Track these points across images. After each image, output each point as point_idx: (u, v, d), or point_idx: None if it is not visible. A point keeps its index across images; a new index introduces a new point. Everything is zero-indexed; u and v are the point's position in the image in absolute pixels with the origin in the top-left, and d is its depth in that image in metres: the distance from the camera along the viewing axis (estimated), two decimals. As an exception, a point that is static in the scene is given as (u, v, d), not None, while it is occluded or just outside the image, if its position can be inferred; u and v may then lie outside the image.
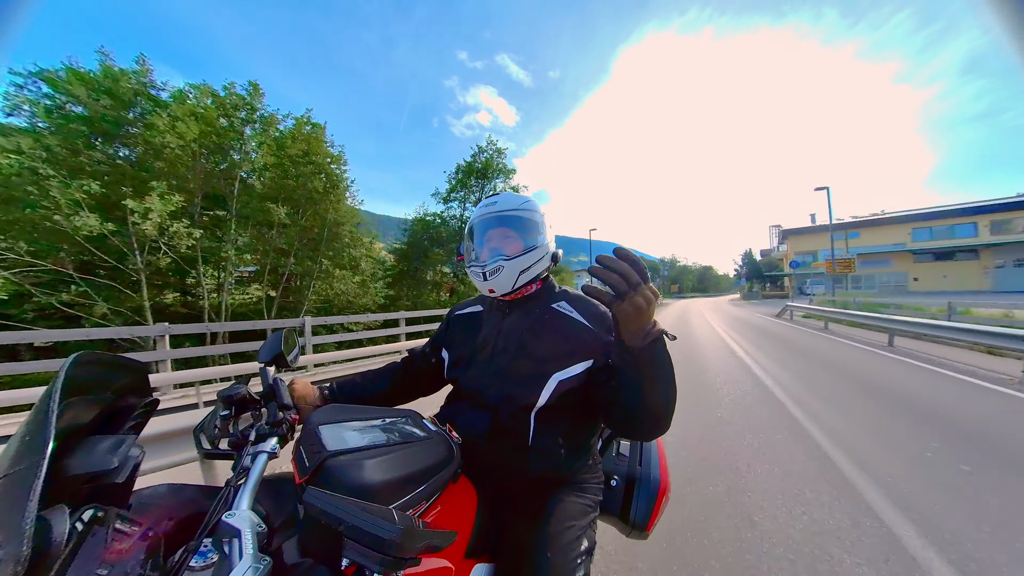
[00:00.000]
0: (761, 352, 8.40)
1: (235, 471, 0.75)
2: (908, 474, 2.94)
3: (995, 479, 2.83)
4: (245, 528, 0.56)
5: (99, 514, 0.53)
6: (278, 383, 0.96)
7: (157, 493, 0.69)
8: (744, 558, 2.05)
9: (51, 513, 0.47)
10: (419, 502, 0.74)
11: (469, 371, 1.09)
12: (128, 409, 0.71)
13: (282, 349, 1.03)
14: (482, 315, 1.20)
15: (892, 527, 2.29)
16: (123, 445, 0.61)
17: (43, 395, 0.55)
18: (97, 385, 0.65)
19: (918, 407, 4.46)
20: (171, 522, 0.64)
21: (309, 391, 1.07)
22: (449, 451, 0.85)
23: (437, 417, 1.17)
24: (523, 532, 0.94)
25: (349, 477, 0.64)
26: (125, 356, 0.75)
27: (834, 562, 2.00)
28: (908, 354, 7.84)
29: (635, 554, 2.07)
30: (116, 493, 0.60)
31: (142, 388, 0.75)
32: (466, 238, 1.16)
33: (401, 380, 1.28)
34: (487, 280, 1.05)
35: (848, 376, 6.06)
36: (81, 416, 0.60)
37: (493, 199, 1.13)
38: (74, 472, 0.54)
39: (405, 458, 0.74)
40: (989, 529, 2.27)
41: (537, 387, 0.97)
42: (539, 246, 1.08)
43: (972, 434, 3.65)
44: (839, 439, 3.57)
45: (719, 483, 2.84)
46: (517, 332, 1.07)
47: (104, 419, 0.66)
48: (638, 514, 1.24)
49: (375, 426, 0.80)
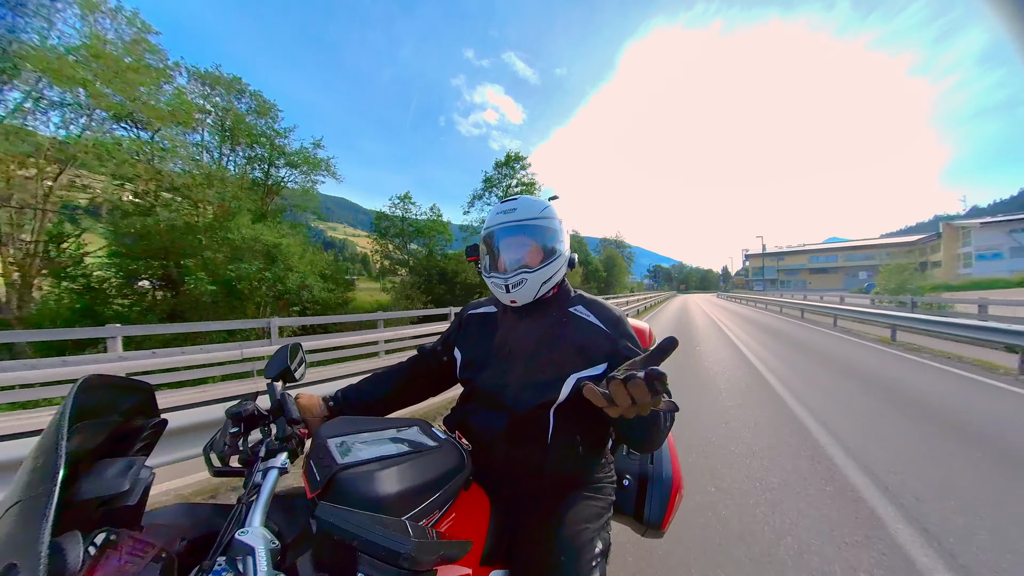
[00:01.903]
0: (718, 311, 22.30)
1: (246, 488, 0.75)
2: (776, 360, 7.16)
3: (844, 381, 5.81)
4: (259, 545, 0.56)
5: (112, 537, 0.53)
6: (286, 398, 0.96)
7: (169, 513, 0.69)
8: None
9: (65, 539, 0.46)
10: (432, 512, 0.73)
11: (484, 372, 1.09)
12: (137, 431, 0.71)
13: (288, 364, 1.03)
14: (496, 316, 1.19)
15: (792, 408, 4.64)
16: (133, 467, 0.60)
17: (52, 420, 0.55)
18: (105, 408, 0.64)
19: (771, 328, 13.15)
20: (184, 542, 0.64)
21: (315, 404, 1.06)
22: (460, 458, 0.84)
23: (450, 419, 1.16)
24: (537, 536, 0.93)
25: (360, 489, 0.64)
26: (132, 378, 0.75)
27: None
28: (788, 317, 18.35)
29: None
30: (128, 515, 0.59)
31: (150, 409, 0.75)
32: (482, 243, 1.13)
33: (408, 381, 1.26)
34: (510, 292, 1.04)
35: (746, 318, 17.45)
36: (90, 440, 0.60)
37: (511, 204, 1.09)
38: (85, 497, 0.54)
39: (416, 468, 0.74)
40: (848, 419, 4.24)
41: (556, 385, 0.98)
42: (559, 254, 1.07)
43: (800, 342, 8.94)
44: (740, 336, 10.55)
45: (690, 359, 7.24)
46: (534, 335, 1.07)
47: (113, 442, 0.66)
48: (652, 513, 1.23)
49: (384, 437, 0.80)
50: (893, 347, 8.79)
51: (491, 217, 1.10)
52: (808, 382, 5.74)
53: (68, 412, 0.54)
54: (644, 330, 1.60)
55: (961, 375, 6.06)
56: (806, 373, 6.33)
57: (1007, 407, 4.49)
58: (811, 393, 5.15)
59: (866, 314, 11.88)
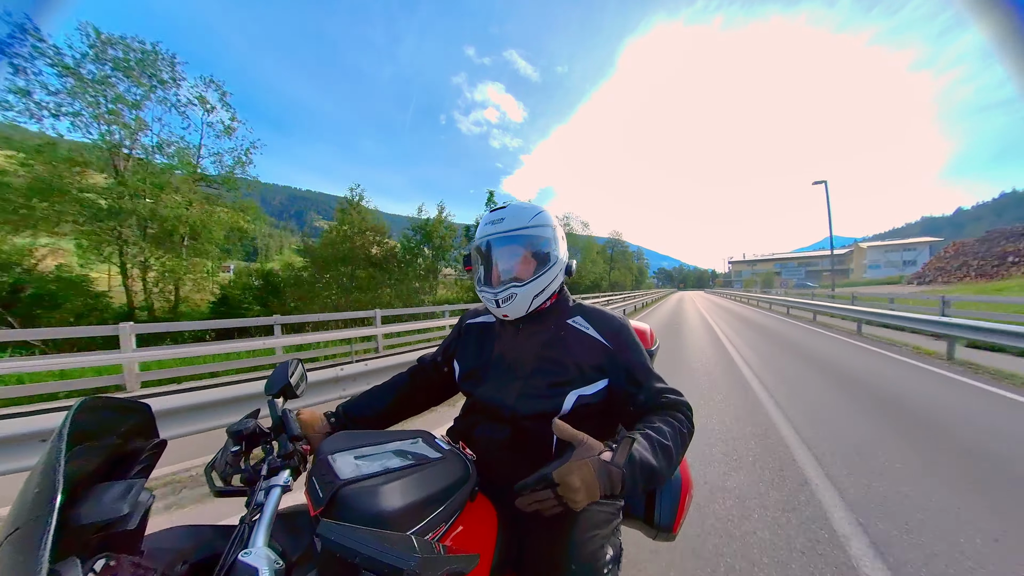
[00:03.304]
0: (699, 299, 40.43)
1: (249, 507, 0.73)
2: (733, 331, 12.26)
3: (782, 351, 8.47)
4: (263, 566, 0.55)
5: (111, 563, 0.52)
6: (287, 415, 0.95)
7: (169, 536, 0.67)
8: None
9: (63, 566, 0.45)
10: (438, 525, 0.72)
11: (484, 385, 1.07)
12: (136, 452, 0.70)
13: (289, 380, 1.02)
14: (494, 327, 1.17)
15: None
16: (132, 491, 0.59)
17: (49, 444, 0.54)
18: (103, 430, 0.63)
19: (724, 307, 25.82)
20: (185, 565, 0.62)
21: (316, 419, 1.06)
22: (464, 469, 0.83)
23: (452, 430, 1.15)
24: (546, 545, 0.91)
25: (364, 505, 0.63)
26: (129, 399, 0.74)
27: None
28: (758, 307, 24.12)
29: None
30: (127, 539, 0.58)
31: (148, 430, 0.73)
32: (473, 254, 1.11)
33: (409, 392, 1.25)
34: (500, 307, 1.02)
35: (722, 305, 27.84)
36: (88, 464, 0.59)
37: (499, 214, 1.06)
38: (84, 522, 0.53)
39: (420, 480, 0.73)
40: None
41: (557, 400, 0.96)
42: (552, 263, 1.04)
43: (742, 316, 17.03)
44: (712, 313, 19.65)
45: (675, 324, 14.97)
46: (533, 348, 1.05)
47: (111, 464, 0.65)
48: (663, 516, 1.21)
49: (387, 450, 0.79)
50: (789, 318, 15.69)
51: (480, 228, 1.08)
52: (735, 331, 11.64)
53: (65, 435, 0.53)
54: (645, 331, 1.59)
55: (822, 333, 10.98)
56: (733, 326, 13.20)
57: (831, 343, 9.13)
58: (736, 337, 10.18)
59: (778, 300, 20.72)
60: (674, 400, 0.95)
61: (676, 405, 0.94)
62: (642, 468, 0.75)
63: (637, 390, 0.97)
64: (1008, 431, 3.59)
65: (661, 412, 0.93)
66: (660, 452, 0.80)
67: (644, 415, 0.94)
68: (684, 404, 0.95)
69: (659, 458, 0.79)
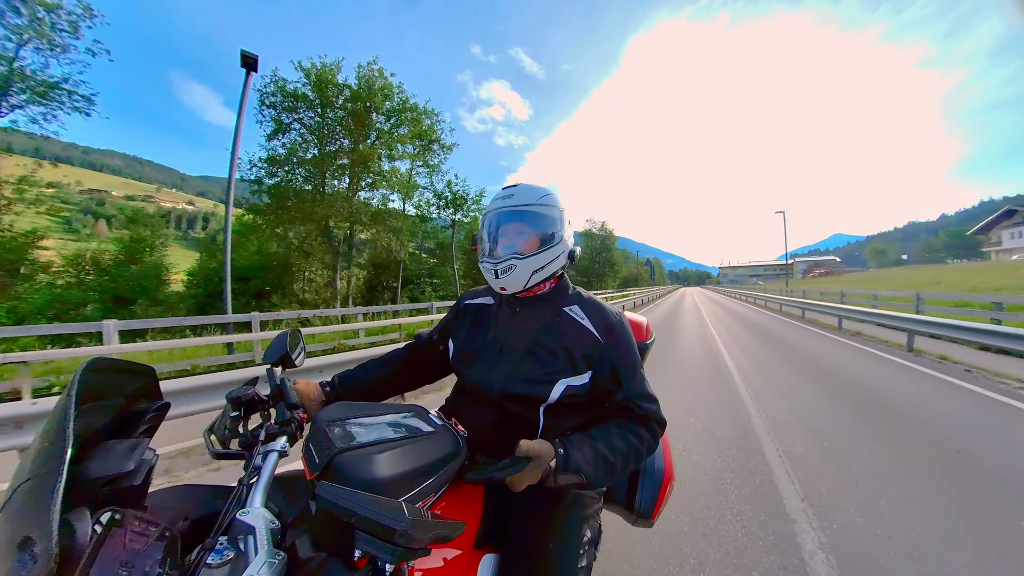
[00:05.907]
0: (697, 294, 55.14)
1: (247, 470, 0.77)
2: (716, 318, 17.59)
3: (761, 338, 10.93)
4: (259, 525, 0.58)
5: (117, 516, 0.55)
6: (285, 383, 0.98)
7: (172, 494, 0.71)
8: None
9: (73, 515, 0.48)
10: (427, 495, 0.75)
11: (475, 367, 1.08)
12: (140, 413, 0.72)
13: (288, 350, 1.04)
14: (492, 309, 1.17)
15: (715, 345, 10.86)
16: (137, 448, 0.62)
17: (59, 402, 0.56)
18: (110, 391, 0.66)
19: (714, 299, 38.05)
20: (187, 522, 0.66)
21: (312, 389, 1.08)
22: (455, 444, 0.86)
23: (443, 410, 1.18)
24: (527, 523, 0.95)
25: (358, 472, 0.66)
26: (135, 362, 0.76)
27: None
28: (748, 303, 29.69)
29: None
30: (132, 495, 0.61)
31: (152, 392, 0.76)
32: (480, 229, 1.11)
33: (403, 367, 1.27)
34: (499, 278, 1.02)
35: (713, 299, 37.31)
36: (95, 421, 0.62)
37: (510, 190, 1.07)
38: (92, 476, 0.56)
39: (412, 452, 0.75)
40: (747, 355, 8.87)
41: (545, 388, 0.98)
42: (555, 244, 1.04)
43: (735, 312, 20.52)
44: (704, 304, 27.63)
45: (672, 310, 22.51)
46: (527, 333, 1.05)
47: (117, 424, 0.68)
48: (643, 503, 1.26)
49: (382, 422, 0.82)
50: (776, 313, 18.59)
51: (490, 203, 1.09)
52: (718, 319, 14.89)
53: (75, 393, 0.55)
54: (641, 324, 1.61)
55: (802, 328, 12.80)
56: (718, 315, 17.05)
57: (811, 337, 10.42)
58: (719, 324, 13.09)
59: (747, 293, 31.35)
60: (646, 411, 0.98)
61: (645, 418, 0.98)
62: (578, 476, 0.88)
63: (617, 389, 0.99)
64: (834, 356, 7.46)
65: (629, 422, 0.97)
66: (601, 468, 0.90)
67: (615, 417, 0.99)
68: (654, 419, 0.99)
69: (597, 472, 0.89)
